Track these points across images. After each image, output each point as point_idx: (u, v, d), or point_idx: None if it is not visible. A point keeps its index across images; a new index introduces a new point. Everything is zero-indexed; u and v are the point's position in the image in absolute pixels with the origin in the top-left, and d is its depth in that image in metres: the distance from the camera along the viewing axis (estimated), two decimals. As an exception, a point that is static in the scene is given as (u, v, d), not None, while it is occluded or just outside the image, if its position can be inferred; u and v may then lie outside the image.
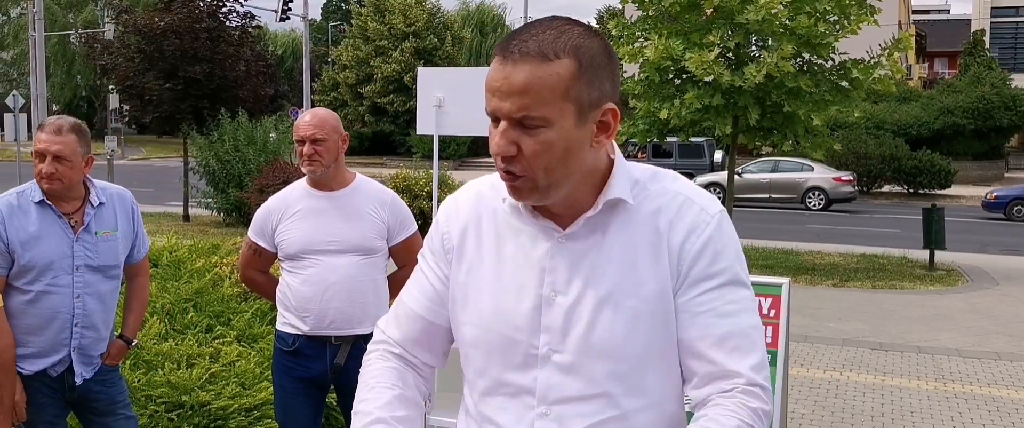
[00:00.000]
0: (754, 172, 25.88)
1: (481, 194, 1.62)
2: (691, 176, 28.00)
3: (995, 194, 24.43)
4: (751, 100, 11.73)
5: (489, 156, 1.77)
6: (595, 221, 1.51)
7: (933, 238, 13.25)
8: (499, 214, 1.58)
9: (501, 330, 1.54)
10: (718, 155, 28.59)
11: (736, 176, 17.21)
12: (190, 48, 16.81)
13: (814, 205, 25.19)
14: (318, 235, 3.40)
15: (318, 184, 3.46)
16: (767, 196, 25.60)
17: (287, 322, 3.48)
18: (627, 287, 1.49)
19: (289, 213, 3.46)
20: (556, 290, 1.51)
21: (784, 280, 4.16)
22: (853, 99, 12.41)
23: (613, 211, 1.51)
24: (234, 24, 18.06)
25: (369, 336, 3.46)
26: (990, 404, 6.49)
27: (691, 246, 1.50)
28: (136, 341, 3.61)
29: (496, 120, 1.45)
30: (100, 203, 3.28)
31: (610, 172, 1.53)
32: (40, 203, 3.18)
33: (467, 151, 39.20)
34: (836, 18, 12.01)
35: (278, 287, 3.56)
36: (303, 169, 3.42)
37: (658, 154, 28.43)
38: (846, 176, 25.95)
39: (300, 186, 3.51)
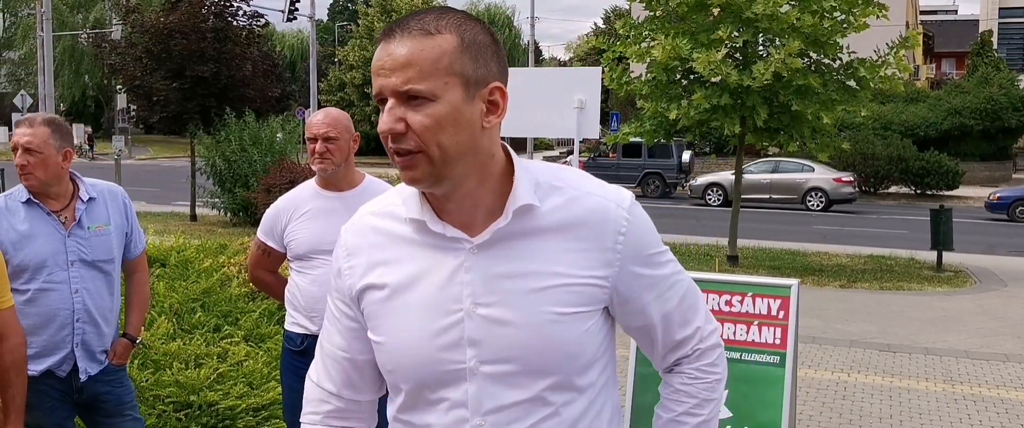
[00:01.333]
0: (754, 172, 25.79)
1: (373, 225, 1.60)
2: (662, 176, 28.42)
3: (998, 195, 24.37)
4: (759, 100, 11.71)
5: None
6: (509, 228, 1.49)
7: (941, 239, 13.21)
8: (403, 236, 1.55)
9: (426, 350, 1.51)
10: (686, 155, 28.80)
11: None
12: (197, 48, 16.83)
13: (814, 206, 25.21)
14: (327, 235, 3.39)
15: (328, 184, 3.46)
16: (767, 197, 25.61)
17: (296, 322, 3.49)
18: (547, 290, 1.49)
19: (299, 213, 3.46)
20: (476, 302, 1.49)
21: (793, 282, 4.15)
22: (860, 99, 12.37)
23: (524, 217, 1.50)
24: (241, 24, 18.08)
25: None
26: (999, 406, 6.46)
27: (614, 240, 1.52)
28: (140, 339, 3.60)
29: (383, 101, 1.45)
30: (90, 198, 3.29)
31: (511, 172, 1.52)
32: (27, 202, 3.18)
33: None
34: (843, 16, 11.97)
35: (287, 287, 3.56)
36: (314, 167, 3.42)
37: (628, 154, 28.70)
38: (846, 177, 25.99)
39: (309, 186, 3.51)
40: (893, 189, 30.24)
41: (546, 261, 1.50)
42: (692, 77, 12.27)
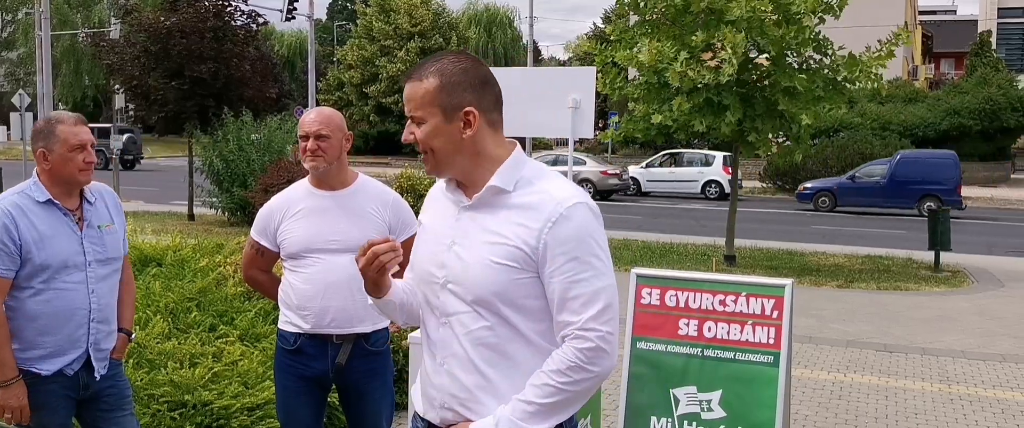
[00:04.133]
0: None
1: (436, 189, 2.39)
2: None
3: (805, 186, 25.87)
4: (735, 100, 11.73)
5: None
6: (482, 198, 2.19)
7: (939, 239, 13.22)
8: (439, 196, 2.35)
9: (427, 267, 2.28)
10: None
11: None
12: (196, 48, 16.83)
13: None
14: (320, 234, 3.41)
15: (320, 183, 3.47)
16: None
17: (289, 321, 3.49)
18: (496, 247, 2.15)
19: (291, 212, 3.48)
20: (455, 241, 2.21)
21: (787, 281, 4.14)
22: (844, 96, 12.33)
23: (497, 194, 2.18)
24: (239, 23, 18.08)
25: (370, 335, 3.48)
26: (995, 406, 6.46)
27: (544, 225, 2.11)
28: (134, 333, 3.65)
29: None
30: (94, 199, 3.36)
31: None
32: (46, 203, 3.20)
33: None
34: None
35: (280, 286, 3.56)
36: (306, 165, 3.44)
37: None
38: (613, 170, 28.27)
39: (302, 185, 3.52)
40: (892, 189, 30.22)
41: (500, 226, 2.16)
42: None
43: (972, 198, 29.09)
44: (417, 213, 3.67)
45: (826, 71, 12.12)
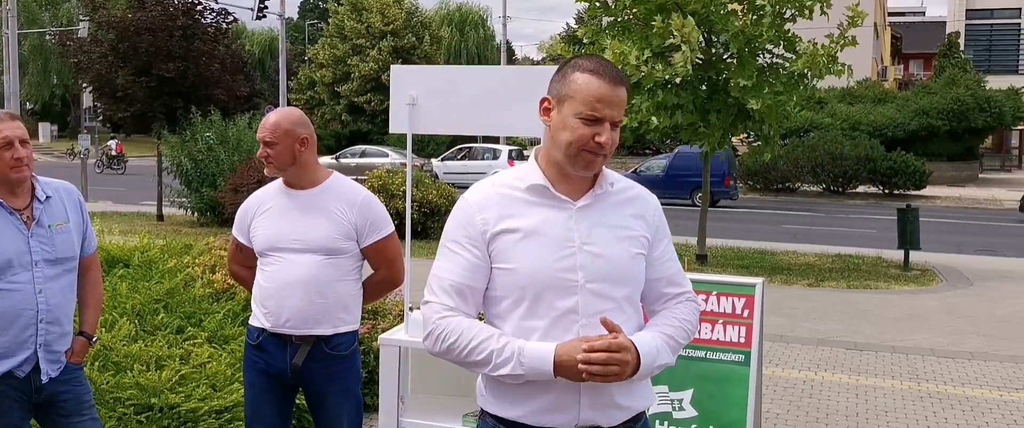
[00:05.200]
0: (347, 156, 31.67)
1: (496, 191, 2.31)
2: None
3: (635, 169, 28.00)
4: (688, 97, 11.79)
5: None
6: (597, 196, 2.30)
7: (908, 238, 13.34)
8: (520, 198, 2.28)
9: (555, 274, 2.22)
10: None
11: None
12: (164, 45, 16.68)
13: None
14: (283, 233, 3.40)
15: (290, 183, 3.47)
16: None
17: (255, 316, 3.50)
18: (631, 240, 2.32)
19: (262, 210, 3.49)
20: (585, 242, 2.26)
21: (758, 280, 4.15)
22: (805, 91, 12.39)
23: (605, 191, 2.31)
24: (209, 21, 17.94)
25: (330, 338, 3.43)
26: (964, 404, 6.52)
27: (655, 218, 2.39)
28: (97, 337, 3.56)
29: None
30: (47, 197, 3.27)
31: None
32: None
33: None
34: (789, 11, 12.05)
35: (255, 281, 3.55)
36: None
37: None
38: (417, 162, 29.05)
39: (277, 184, 3.54)
40: (861, 189, 30.54)
41: (622, 220, 2.30)
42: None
43: (941, 197, 29.50)
44: (391, 212, 3.65)
45: (791, 67, 12.16)
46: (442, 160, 32.85)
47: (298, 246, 3.36)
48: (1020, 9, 46.81)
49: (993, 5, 47.30)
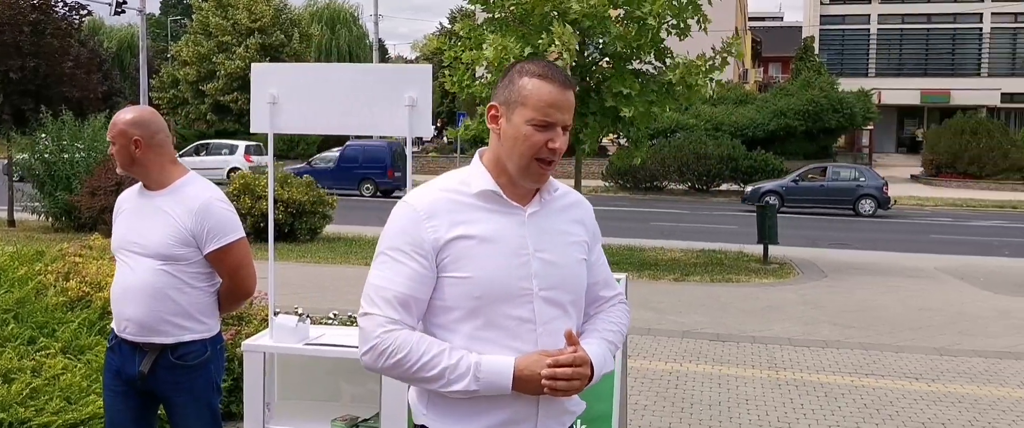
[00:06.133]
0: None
1: (444, 197, 2.21)
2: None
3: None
4: None
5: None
6: (544, 202, 2.27)
7: (767, 234, 13.92)
8: (471, 204, 2.20)
9: (510, 281, 2.16)
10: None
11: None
12: (12, 41, 15.79)
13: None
14: (125, 236, 3.26)
15: (145, 183, 3.33)
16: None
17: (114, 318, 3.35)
18: (576, 246, 2.32)
19: (120, 210, 3.37)
20: (537, 249, 2.22)
21: (621, 276, 4.24)
22: (677, 101, 12.83)
23: (551, 197, 2.29)
24: (61, 15, 17.08)
25: (175, 348, 3.26)
26: (819, 390, 6.85)
27: (592, 223, 2.40)
28: None
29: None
30: None
31: None
32: None
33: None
34: (669, 21, 12.43)
35: None
36: None
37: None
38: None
39: (138, 185, 3.39)
40: (724, 187, 31.66)
41: (566, 225, 2.29)
42: None
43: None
44: (256, 214, 3.56)
45: (665, 77, 12.54)
46: (181, 156, 31.67)
47: (138, 250, 3.21)
48: (869, 16, 49.43)
49: (845, 12, 49.77)
